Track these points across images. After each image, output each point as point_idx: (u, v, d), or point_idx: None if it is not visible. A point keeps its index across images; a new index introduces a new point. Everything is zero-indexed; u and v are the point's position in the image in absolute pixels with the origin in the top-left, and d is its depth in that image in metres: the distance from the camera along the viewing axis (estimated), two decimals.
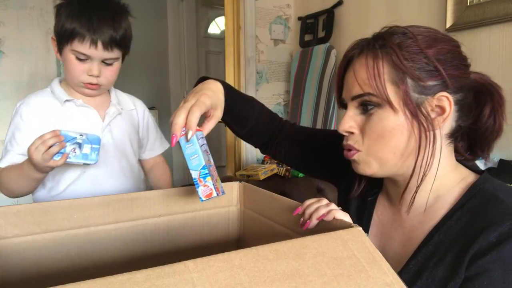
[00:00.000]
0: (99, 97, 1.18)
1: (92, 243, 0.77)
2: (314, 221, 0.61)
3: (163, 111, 4.10)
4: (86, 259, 0.76)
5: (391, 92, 0.65)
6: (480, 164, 1.45)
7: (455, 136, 0.69)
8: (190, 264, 0.41)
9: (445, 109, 0.65)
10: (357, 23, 2.25)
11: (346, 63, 0.73)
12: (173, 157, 4.21)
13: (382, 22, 0.72)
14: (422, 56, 0.64)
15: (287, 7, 2.80)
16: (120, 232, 0.79)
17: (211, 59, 4.48)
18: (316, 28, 2.57)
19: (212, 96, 0.77)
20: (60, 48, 1.09)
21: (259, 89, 2.72)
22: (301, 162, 1.00)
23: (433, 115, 0.65)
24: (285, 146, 0.99)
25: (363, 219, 0.80)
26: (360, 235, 0.48)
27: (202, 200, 0.70)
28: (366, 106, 0.68)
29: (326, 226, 0.59)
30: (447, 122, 0.67)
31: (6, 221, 0.69)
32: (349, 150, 0.72)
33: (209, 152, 0.76)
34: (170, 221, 0.84)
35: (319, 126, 2.38)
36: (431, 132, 0.65)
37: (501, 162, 1.46)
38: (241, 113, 0.92)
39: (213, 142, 4.50)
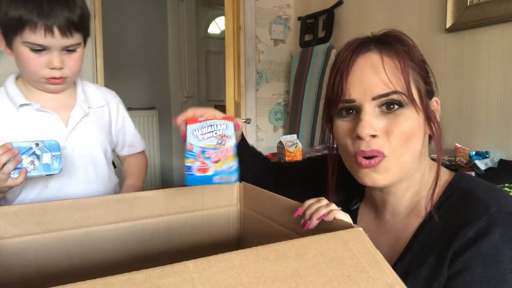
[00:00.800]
0: (63, 95, 1.02)
1: (92, 243, 0.77)
2: (314, 222, 0.61)
3: (163, 111, 4.10)
4: (86, 259, 0.76)
5: (415, 92, 0.65)
6: (481, 164, 1.45)
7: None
8: (190, 264, 0.41)
9: (438, 110, 0.69)
10: (357, 23, 2.25)
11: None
12: (173, 159, 4.21)
13: (382, 22, 0.73)
14: (423, 63, 0.68)
15: (287, 7, 2.80)
16: (120, 232, 0.79)
17: (211, 59, 4.48)
18: (316, 28, 2.57)
19: None
20: (8, 42, 0.92)
21: (259, 89, 2.72)
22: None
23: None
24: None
25: None
26: (361, 236, 0.48)
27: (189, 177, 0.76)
28: (390, 106, 0.65)
29: (327, 227, 0.59)
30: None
31: (6, 221, 0.69)
32: (370, 158, 0.66)
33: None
34: (170, 221, 0.84)
35: (319, 126, 2.38)
36: (438, 122, 0.68)
37: (501, 162, 1.47)
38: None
39: None
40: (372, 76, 0.65)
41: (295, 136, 2.16)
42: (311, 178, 0.93)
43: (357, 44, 0.69)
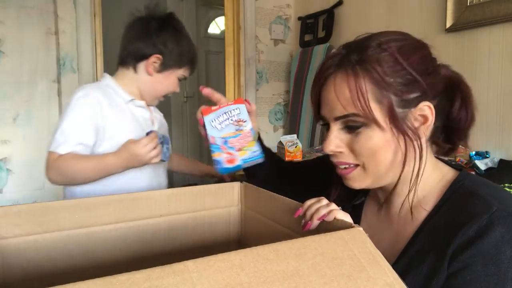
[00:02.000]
0: None
1: (93, 243, 0.77)
2: (315, 222, 0.61)
3: (162, 111, 4.09)
4: (87, 259, 0.76)
5: (376, 111, 0.64)
6: (481, 164, 1.45)
7: (435, 136, 0.72)
8: (190, 264, 0.41)
9: (427, 118, 0.66)
10: (357, 23, 2.25)
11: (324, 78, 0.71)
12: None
13: (382, 22, 0.73)
14: (400, 69, 0.64)
15: (287, 7, 2.80)
16: (121, 232, 0.79)
17: (211, 59, 4.48)
18: (316, 28, 2.57)
19: None
20: (165, 68, 1.26)
21: (259, 89, 2.72)
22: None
23: (416, 124, 0.67)
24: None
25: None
26: (361, 235, 0.48)
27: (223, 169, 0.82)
28: (351, 127, 0.68)
29: (327, 227, 0.59)
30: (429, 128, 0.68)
31: (7, 221, 0.69)
32: (344, 168, 0.71)
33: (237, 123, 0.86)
34: (171, 221, 0.84)
35: (319, 126, 2.37)
36: (418, 141, 0.66)
37: (501, 162, 1.47)
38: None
39: None
40: (334, 98, 0.68)
41: (295, 136, 2.16)
42: (319, 176, 0.93)
43: (326, 60, 0.71)
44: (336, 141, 0.70)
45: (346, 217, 0.59)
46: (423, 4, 1.85)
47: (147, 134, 1.15)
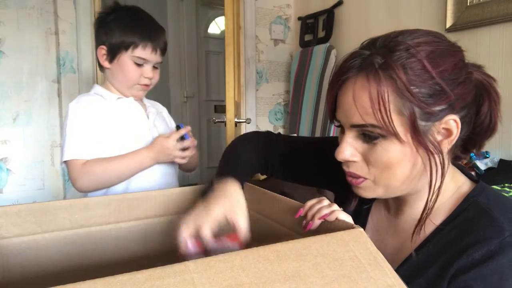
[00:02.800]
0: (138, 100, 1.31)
1: (93, 243, 0.77)
2: (316, 222, 0.61)
3: None
4: (87, 259, 0.76)
5: (397, 123, 0.59)
6: (481, 164, 1.45)
7: (455, 146, 0.65)
8: (190, 264, 0.41)
9: (452, 132, 0.61)
10: (357, 23, 2.24)
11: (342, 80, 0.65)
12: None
13: (382, 22, 0.71)
14: (428, 78, 0.57)
15: (287, 7, 2.79)
16: (121, 232, 0.79)
17: (211, 59, 4.48)
18: (316, 28, 2.57)
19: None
20: (113, 56, 1.21)
21: (259, 89, 2.72)
22: (300, 177, 0.96)
23: (439, 138, 0.61)
24: (281, 167, 0.95)
25: (358, 224, 0.78)
26: (362, 236, 0.48)
27: None
28: (368, 136, 0.62)
29: (328, 227, 0.59)
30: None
31: (7, 221, 0.69)
32: (354, 177, 0.67)
33: None
34: (171, 221, 0.84)
35: (319, 126, 2.38)
36: (439, 156, 0.61)
37: (501, 162, 1.46)
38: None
39: (213, 142, 4.50)
40: (351, 104, 0.62)
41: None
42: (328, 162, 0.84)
43: (347, 60, 0.64)
44: (350, 149, 0.65)
45: (347, 218, 0.59)
46: (423, 4, 1.85)
47: (177, 128, 1.22)
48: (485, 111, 0.65)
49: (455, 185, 0.67)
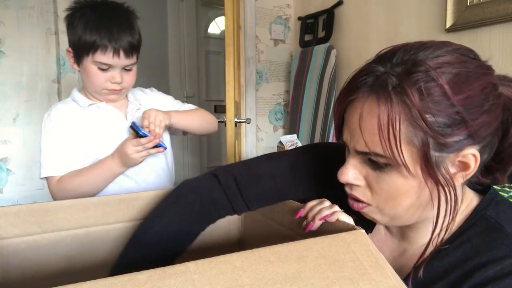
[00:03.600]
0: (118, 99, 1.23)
1: (93, 243, 0.77)
2: (317, 223, 0.61)
3: None
4: (87, 259, 0.76)
5: (407, 154, 0.53)
6: None
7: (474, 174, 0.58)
8: (191, 265, 0.41)
9: (469, 166, 0.54)
10: (357, 23, 2.24)
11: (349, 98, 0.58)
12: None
13: (382, 22, 0.70)
14: (448, 105, 0.51)
15: (287, 7, 2.79)
16: (120, 232, 0.79)
17: (211, 59, 4.48)
18: (316, 28, 2.56)
19: None
20: (78, 59, 1.11)
21: (259, 89, 2.72)
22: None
23: (453, 170, 0.55)
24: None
25: None
26: (363, 238, 0.48)
27: None
28: (376, 162, 0.57)
29: (329, 228, 0.59)
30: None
31: (6, 221, 0.69)
32: (356, 201, 0.62)
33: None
34: None
35: (319, 126, 2.37)
36: (451, 190, 0.54)
37: None
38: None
39: (213, 142, 4.50)
40: (357, 128, 0.57)
41: (295, 136, 2.16)
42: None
43: (358, 77, 0.57)
44: (354, 172, 0.60)
45: (348, 219, 0.59)
46: (423, 4, 1.85)
47: (131, 127, 1.10)
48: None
49: (464, 204, 0.62)
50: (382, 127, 0.53)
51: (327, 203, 0.63)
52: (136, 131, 1.07)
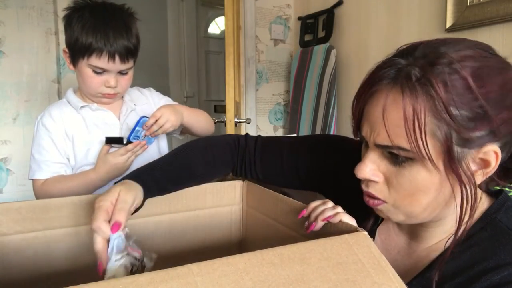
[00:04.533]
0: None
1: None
2: (319, 223, 0.60)
3: None
4: (88, 256, 0.76)
5: (430, 147, 0.52)
6: None
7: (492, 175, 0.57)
8: (194, 267, 0.41)
9: (490, 164, 0.54)
10: (357, 23, 2.24)
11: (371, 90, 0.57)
12: None
13: (382, 22, 0.70)
14: (471, 99, 0.50)
15: (287, 7, 2.79)
16: None
17: (211, 59, 4.48)
18: (316, 28, 2.56)
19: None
20: (74, 61, 1.09)
21: (259, 89, 2.72)
22: (282, 178, 0.89)
23: (474, 167, 0.55)
24: (257, 165, 0.88)
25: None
26: (366, 240, 0.48)
27: None
28: (397, 157, 0.56)
29: (331, 230, 0.59)
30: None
31: (7, 218, 0.69)
32: (372, 197, 0.61)
33: None
34: (172, 220, 0.84)
35: (319, 126, 2.37)
36: (471, 188, 0.54)
37: None
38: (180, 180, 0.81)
39: None
40: (379, 121, 0.55)
41: (295, 136, 2.16)
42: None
43: (380, 69, 0.57)
44: (372, 168, 0.59)
45: (351, 221, 0.59)
46: (423, 4, 1.85)
47: (107, 138, 1.10)
48: None
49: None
50: (408, 119, 0.52)
51: (330, 203, 0.63)
52: (118, 141, 1.09)
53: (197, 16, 4.32)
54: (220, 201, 0.89)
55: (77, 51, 1.06)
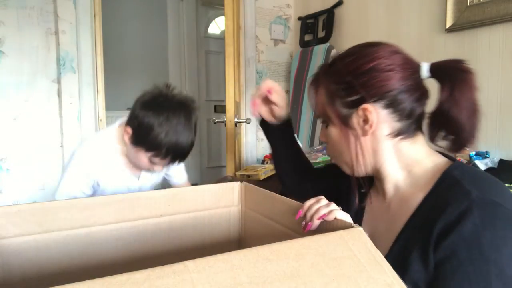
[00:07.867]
0: None
1: (93, 243, 0.77)
2: (315, 222, 0.61)
3: None
4: (87, 259, 0.76)
5: (330, 112, 0.77)
6: (481, 164, 1.45)
7: (410, 130, 0.74)
8: (189, 264, 0.41)
9: (368, 118, 0.72)
10: (357, 23, 2.24)
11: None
12: None
13: (382, 22, 0.72)
14: (345, 76, 0.74)
15: (287, 7, 2.79)
16: (121, 232, 0.79)
17: (211, 59, 4.48)
18: (316, 28, 2.57)
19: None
20: (135, 143, 1.19)
21: None
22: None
23: (361, 123, 0.74)
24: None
25: (358, 208, 0.84)
26: (361, 235, 0.48)
27: None
28: (323, 122, 0.82)
29: (327, 227, 0.59)
30: (384, 124, 0.73)
31: (7, 221, 0.69)
32: (330, 157, 0.86)
33: None
34: (171, 221, 0.84)
35: (319, 125, 2.37)
36: (367, 137, 0.74)
37: (501, 162, 1.46)
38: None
39: (213, 142, 4.50)
40: (313, 102, 0.84)
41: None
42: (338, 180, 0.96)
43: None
44: (321, 132, 0.85)
45: (346, 217, 0.60)
46: (423, 4, 1.85)
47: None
48: (446, 92, 0.69)
49: (431, 162, 0.74)
50: (317, 97, 0.81)
51: (323, 201, 0.64)
52: None
53: (197, 16, 4.33)
54: (219, 203, 0.89)
55: (144, 143, 1.16)
